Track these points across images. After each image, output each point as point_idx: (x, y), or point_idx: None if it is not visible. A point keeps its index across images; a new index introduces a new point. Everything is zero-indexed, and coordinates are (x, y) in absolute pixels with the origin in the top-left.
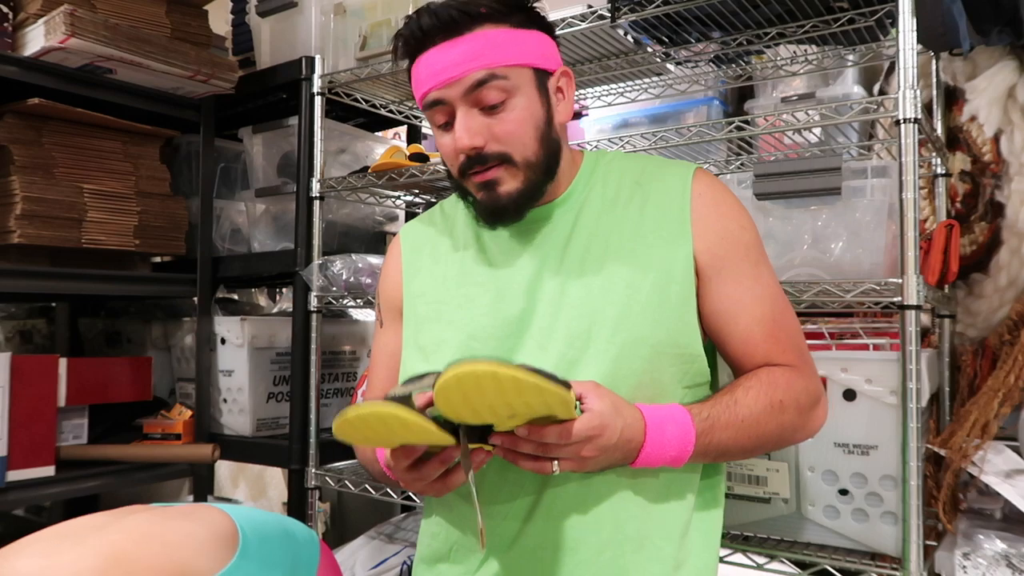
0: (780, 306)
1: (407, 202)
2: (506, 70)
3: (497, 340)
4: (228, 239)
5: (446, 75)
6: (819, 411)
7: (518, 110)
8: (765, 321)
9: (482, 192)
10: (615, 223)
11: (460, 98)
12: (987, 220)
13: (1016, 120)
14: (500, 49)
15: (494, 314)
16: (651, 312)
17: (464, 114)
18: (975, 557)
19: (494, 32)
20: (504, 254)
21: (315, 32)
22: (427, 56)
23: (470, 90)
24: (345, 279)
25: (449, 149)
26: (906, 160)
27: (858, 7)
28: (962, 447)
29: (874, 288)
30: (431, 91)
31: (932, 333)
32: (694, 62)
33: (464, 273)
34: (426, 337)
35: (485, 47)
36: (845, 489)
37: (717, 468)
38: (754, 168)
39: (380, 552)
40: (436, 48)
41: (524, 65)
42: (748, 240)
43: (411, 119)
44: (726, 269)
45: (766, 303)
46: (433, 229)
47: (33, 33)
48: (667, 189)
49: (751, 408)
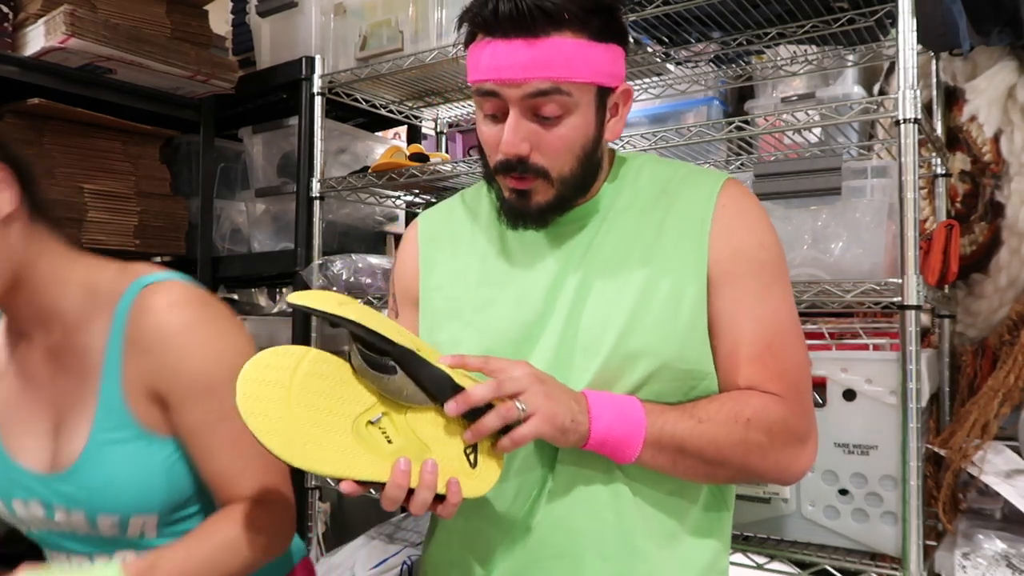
0: (782, 334)
1: (407, 202)
2: (571, 87)
3: (515, 345)
4: (228, 239)
5: (509, 74)
6: (803, 452)
7: (570, 128)
8: (755, 343)
9: (512, 195)
10: (637, 231)
11: (517, 101)
12: (987, 220)
13: (1016, 120)
14: (571, 64)
15: (512, 318)
16: (661, 325)
17: (516, 118)
18: (975, 557)
19: (570, 43)
20: (526, 254)
21: (315, 32)
22: (494, 45)
23: (529, 97)
24: (345, 279)
25: (491, 142)
26: (906, 160)
27: (858, 7)
28: (962, 447)
29: (874, 288)
30: (488, 82)
31: (932, 333)
32: (694, 62)
33: (485, 271)
34: (442, 335)
35: (556, 58)
36: (845, 489)
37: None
38: (754, 168)
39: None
40: (506, 41)
41: (591, 82)
42: (765, 259)
43: (411, 119)
44: (730, 284)
45: (763, 324)
46: (453, 220)
47: (33, 33)
48: (692, 199)
49: (709, 412)
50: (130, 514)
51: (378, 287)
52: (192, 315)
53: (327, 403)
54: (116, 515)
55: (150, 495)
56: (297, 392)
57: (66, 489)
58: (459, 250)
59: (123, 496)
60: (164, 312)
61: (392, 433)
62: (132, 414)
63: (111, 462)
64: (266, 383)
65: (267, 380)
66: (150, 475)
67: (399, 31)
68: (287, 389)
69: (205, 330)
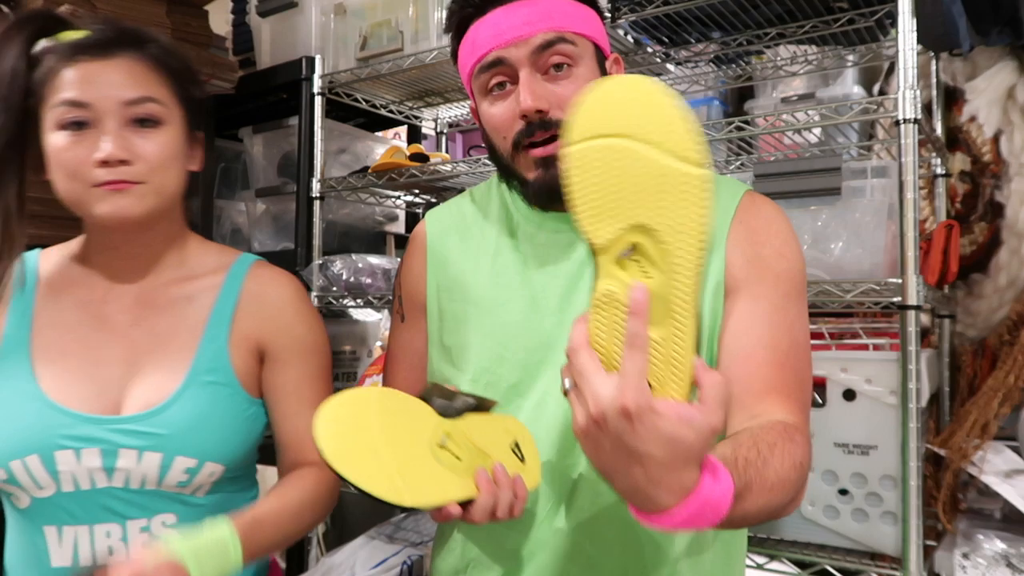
0: (798, 347)
1: (407, 202)
2: (574, 36)
3: (526, 352)
4: (228, 239)
5: (512, 34)
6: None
7: (581, 80)
8: (776, 348)
9: (538, 170)
10: None
11: (525, 59)
12: (987, 220)
13: (1016, 120)
14: (568, 16)
15: (525, 325)
16: None
17: (528, 76)
18: (975, 557)
19: (562, 1)
20: (539, 257)
21: (315, 32)
22: (490, 17)
23: (537, 51)
24: (345, 279)
25: (503, 117)
26: (906, 160)
27: (858, 7)
28: (962, 447)
29: (874, 288)
30: (492, 50)
31: (932, 333)
32: (694, 62)
33: (496, 273)
34: (451, 338)
35: (553, 10)
36: (845, 489)
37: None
38: (754, 168)
39: (380, 552)
40: (501, 9)
41: (588, 37)
42: (782, 271)
43: (411, 119)
44: (745, 289)
45: (781, 331)
46: (462, 218)
47: None
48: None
49: (778, 471)
50: (206, 459)
51: (378, 287)
52: (300, 289)
53: (405, 437)
54: (194, 459)
55: (229, 444)
56: (378, 435)
57: (146, 429)
58: (468, 250)
59: (207, 438)
60: (282, 281)
61: (456, 449)
62: (232, 363)
63: (204, 402)
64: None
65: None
66: (234, 423)
67: (399, 31)
68: (369, 432)
69: (307, 303)
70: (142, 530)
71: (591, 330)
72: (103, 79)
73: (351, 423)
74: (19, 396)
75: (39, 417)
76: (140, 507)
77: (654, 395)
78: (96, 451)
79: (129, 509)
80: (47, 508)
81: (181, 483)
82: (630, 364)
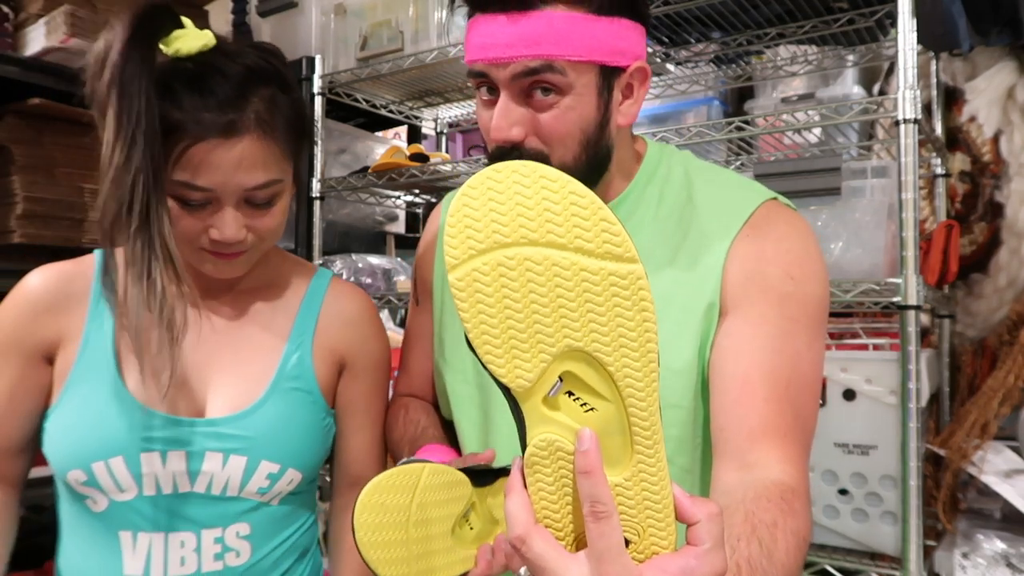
0: (802, 381)
1: (407, 202)
2: (565, 65)
3: None
4: None
5: (494, 53)
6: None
7: (565, 110)
8: (775, 378)
9: None
10: (656, 244)
11: (505, 82)
12: (987, 220)
13: (1016, 120)
14: (565, 40)
15: None
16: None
17: (505, 101)
18: (974, 557)
19: (564, 16)
20: None
21: (315, 32)
22: (481, 21)
23: (517, 77)
24: (345, 279)
25: (487, 128)
26: (906, 160)
27: (858, 7)
28: (962, 447)
29: (874, 288)
30: (477, 62)
31: (932, 333)
32: (694, 62)
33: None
34: (447, 332)
35: (547, 34)
36: (845, 489)
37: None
38: (754, 168)
39: None
40: (491, 16)
41: (589, 62)
42: (788, 293)
43: (411, 119)
44: (742, 308)
45: (782, 360)
46: None
47: (34, 33)
48: (719, 216)
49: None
50: (288, 466)
51: (378, 287)
52: (374, 305)
53: (435, 513)
54: (277, 464)
55: (310, 450)
56: (413, 514)
57: (233, 432)
58: None
59: (291, 443)
60: (360, 297)
61: (474, 519)
62: (315, 372)
63: (287, 408)
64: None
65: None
66: (313, 431)
67: (399, 31)
68: (406, 512)
69: (380, 319)
70: (216, 540)
71: (535, 500)
72: (227, 164)
73: (392, 504)
74: (104, 396)
75: (126, 418)
76: (217, 516)
77: (635, 555)
78: (182, 454)
79: (206, 517)
80: (125, 512)
81: (261, 489)
82: (601, 541)
